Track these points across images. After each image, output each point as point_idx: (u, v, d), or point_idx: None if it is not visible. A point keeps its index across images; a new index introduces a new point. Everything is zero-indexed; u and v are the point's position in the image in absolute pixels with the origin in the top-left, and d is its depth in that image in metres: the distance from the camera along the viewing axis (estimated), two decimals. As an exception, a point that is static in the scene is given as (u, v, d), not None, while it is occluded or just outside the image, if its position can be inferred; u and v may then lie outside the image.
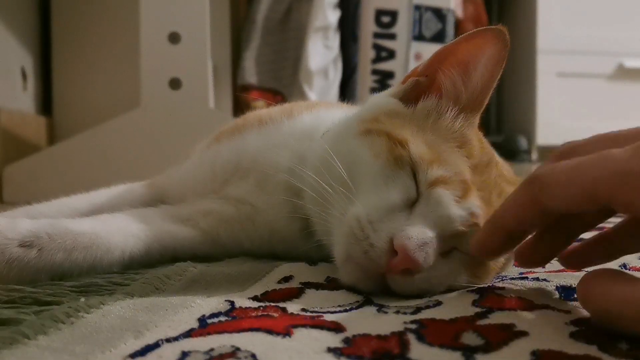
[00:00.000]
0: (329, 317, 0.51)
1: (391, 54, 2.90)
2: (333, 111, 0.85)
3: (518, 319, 0.49)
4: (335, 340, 0.45)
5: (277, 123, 0.84)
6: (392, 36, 2.89)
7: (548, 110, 3.48)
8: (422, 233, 0.57)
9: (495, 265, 0.64)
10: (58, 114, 2.47)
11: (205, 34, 1.93)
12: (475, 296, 0.57)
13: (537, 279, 0.64)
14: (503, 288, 0.60)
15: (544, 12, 3.44)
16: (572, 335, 0.47)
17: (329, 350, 0.43)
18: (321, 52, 2.78)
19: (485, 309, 0.53)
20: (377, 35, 2.89)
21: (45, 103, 2.44)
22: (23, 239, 0.62)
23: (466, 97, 0.67)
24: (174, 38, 1.90)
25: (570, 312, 0.53)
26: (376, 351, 0.43)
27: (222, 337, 0.45)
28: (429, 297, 0.58)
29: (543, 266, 0.61)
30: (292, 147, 0.79)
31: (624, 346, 0.44)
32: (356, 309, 0.55)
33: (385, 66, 2.90)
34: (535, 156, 3.52)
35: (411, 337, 0.46)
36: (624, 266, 0.75)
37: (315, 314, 0.53)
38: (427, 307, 0.54)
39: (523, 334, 0.46)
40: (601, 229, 0.58)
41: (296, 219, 0.76)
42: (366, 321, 0.51)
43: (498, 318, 0.50)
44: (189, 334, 0.46)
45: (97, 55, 2.51)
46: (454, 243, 0.60)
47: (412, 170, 0.61)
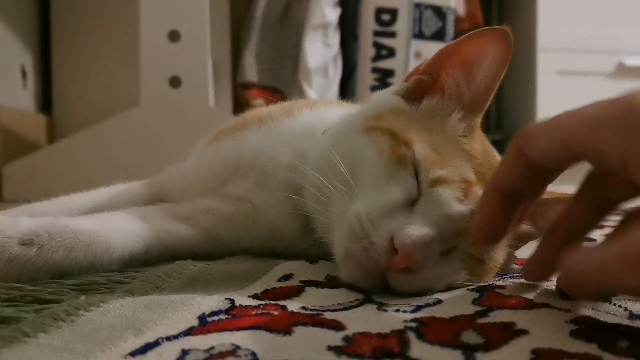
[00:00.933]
0: (329, 315, 0.51)
1: (391, 52, 2.90)
2: (333, 109, 0.85)
3: (518, 318, 0.49)
4: (335, 338, 0.45)
5: (277, 121, 0.84)
6: (392, 34, 2.88)
7: (548, 108, 3.45)
8: (423, 232, 0.57)
9: (494, 264, 0.64)
10: (58, 113, 2.47)
11: (205, 32, 1.93)
12: (475, 295, 0.57)
13: (537, 277, 0.64)
14: (503, 286, 0.60)
15: (545, 10, 3.43)
16: (572, 333, 0.47)
17: (329, 348, 0.43)
18: (320, 50, 2.78)
19: (485, 308, 0.53)
20: (377, 33, 2.88)
21: (45, 101, 2.45)
22: (23, 237, 0.62)
23: (469, 98, 0.67)
24: (174, 36, 1.90)
25: (570, 311, 0.53)
26: (376, 349, 0.43)
27: (222, 336, 0.45)
28: (429, 296, 0.58)
29: (549, 278, 0.61)
30: (293, 145, 0.79)
31: (624, 344, 0.44)
32: (356, 307, 0.55)
33: (385, 64, 2.90)
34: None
35: (411, 336, 0.46)
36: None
37: (315, 312, 0.53)
38: (427, 306, 0.54)
39: (523, 333, 0.46)
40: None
41: (296, 217, 0.76)
42: (366, 319, 0.51)
43: (498, 316, 0.50)
44: (189, 332, 0.46)
45: (97, 53, 2.51)
46: (455, 242, 0.60)
47: (415, 169, 0.61)
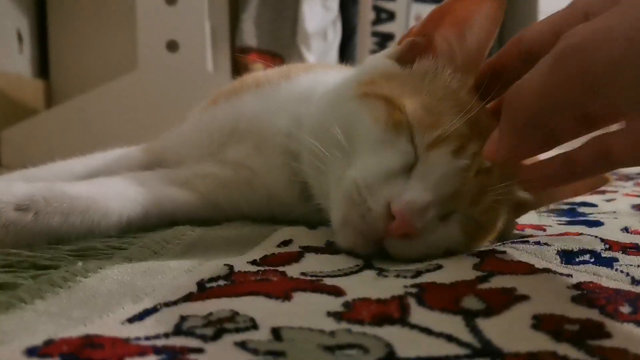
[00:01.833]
0: (329, 281, 0.51)
1: (391, 16, 2.88)
2: (331, 73, 0.84)
3: (519, 283, 0.49)
4: (335, 304, 0.45)
5: (275, 85, 0.83)
6: (393, -3, 2.85)
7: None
8: (420, 197, 0.57)
9: (493, 227, 0.64)
10: (55, 77, 2.45)
11: (202, -6, 1.91)
12: (476, 260, 0.57)
13: (539, 243, 0.63)
14: (504, 252, 0.60)
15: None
16: (574, 299, 0.47)
17: (329, 314, 0.43)
18: (320, 14, 2.74)
19: (486, 273, 0.52)
20: (377, -4, 2.85)
21: (42, 66, 2.42)
22: (19, 203, 0.61)
23: (462, 57, 0.66)
24: (171, -1, 1.88)
25: (571, 276, 0.53)
26: (376, 315, 0.43)
27: (221, 302, 0.45)
28: (430, 261, 0.58)
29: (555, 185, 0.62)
30: (290, 110, 0.78)
31: (626, 309, 0.44)
32: (356, 273, 0.55)
33: (385, 28, 2.88)
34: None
35: (411, 301, 0.45)
36: (626, 229, 0.75)
37: (315, 278, 0.52)
38: (428, 271, 0.54)
39: (524, 298, 0.46)
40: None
41: (295, 183, 0.75)
42: (366, 285, 0.51)
43: (499, 282, 0.50)
44: (188, 299, 0.46)
45: (94, 17, 2.48)
46: (454, 205, 0.60)
47: (410, 133, 0.61)
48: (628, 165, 0.49)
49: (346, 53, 2.88)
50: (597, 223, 0.82)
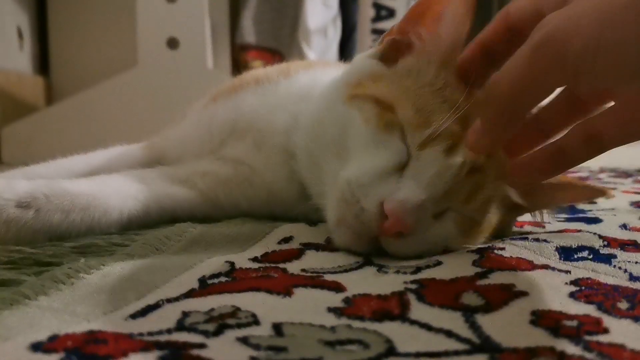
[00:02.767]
0: (330, 277, 0.52)
1: (391, 13, 2.87)
2: (330, 71, 0.84)
3: (518, 279, 0.50)
4: (335, 300, 0.45)
5: (274, 83, 0.83)
6: (393, -6, 2.85)
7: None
8: (413, 196, 0.57)
9: (488, 225, 0.64)
10: (55, 74, 2.45)
11: (202, -9, 1.91)
12: (475, 256, 0.57)
13: (537, 240, 0.64)
14: (503, 248, 0.60)
15: None
16: (572, 295, 0.47)
17: (330, 310, 0.43)
18: (320, 11, 2.74)
19: (485, 269, 0.53)
20: (377, -7, 2.85)
21: (42, 63, 2.42)
22: (20, 200, 0.61)
23: (440, 52, 0.66)
24: (171, -4, 1.88)
25: (570, 273, 0.53)
26: (376, 311, 0.43)
27: (223, 298, 0.45)
28: (429, 257, 0.58)
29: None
30: (289, 109, 0.78)
31: (624, 305, 0.45)
32: (356, 269, 0.55)
33: (385, 25, 2.86)
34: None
35: (411, 297, 0.46)
36: (625, 226, 0.75)
37: (315, 274, 0.53)
38: (427, 267, 0.54)
39: (523, 294, 0.46)
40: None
41: (294, 181, 0.76)
42: (366, 281, 0.51)
43: (498, 278, 0.50)
44: (190, 295, 0.46)
45: (94, 14, 2.48)
46: (448, 202, 0.60)
47: (402, 132, 0.61)
48: (617, 144, 0.48)
49: (346, 50, 2.88)
50: (596, 220, 0.83)
